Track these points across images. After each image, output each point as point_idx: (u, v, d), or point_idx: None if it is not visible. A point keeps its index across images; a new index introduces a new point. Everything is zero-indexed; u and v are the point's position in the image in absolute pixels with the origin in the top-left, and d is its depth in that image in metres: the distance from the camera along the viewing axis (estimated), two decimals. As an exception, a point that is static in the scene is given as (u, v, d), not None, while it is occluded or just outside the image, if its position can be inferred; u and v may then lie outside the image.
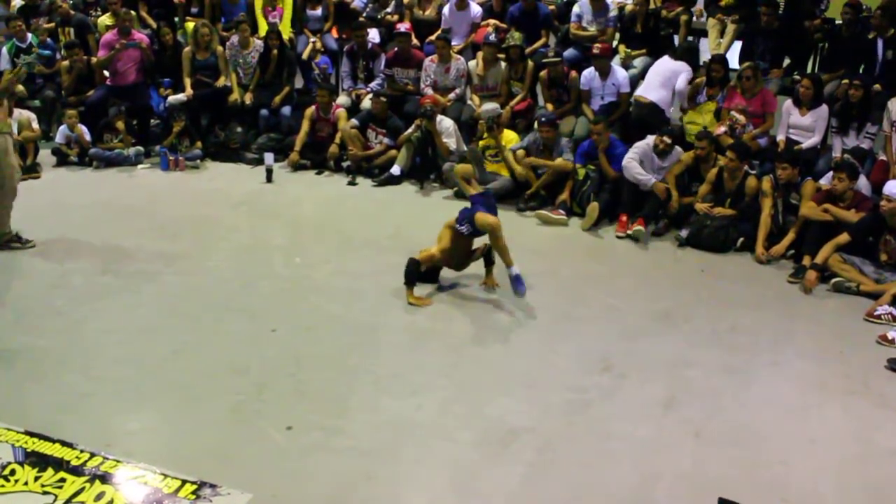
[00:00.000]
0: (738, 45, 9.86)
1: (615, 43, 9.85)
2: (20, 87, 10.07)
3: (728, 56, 9.51)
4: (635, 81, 9.31)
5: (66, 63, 10.30)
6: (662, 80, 8.85)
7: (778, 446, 4.55)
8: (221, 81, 10.22)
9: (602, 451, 4.45)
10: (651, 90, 8.83)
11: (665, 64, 8.95)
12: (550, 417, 4.75)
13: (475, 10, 10.32)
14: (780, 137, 8.43)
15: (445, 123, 9.01)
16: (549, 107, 9.36)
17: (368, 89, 10.03)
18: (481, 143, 8.89)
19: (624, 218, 7.85)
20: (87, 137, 9.66)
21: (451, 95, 9.64)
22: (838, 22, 9.42)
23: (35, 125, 9.48)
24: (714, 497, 3.63)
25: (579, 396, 4.98)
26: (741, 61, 9.27)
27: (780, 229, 7.43)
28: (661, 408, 4.90)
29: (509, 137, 8.83)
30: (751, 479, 4.23)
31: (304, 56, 10.61)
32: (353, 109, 9.90)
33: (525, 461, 4.33)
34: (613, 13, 9.91)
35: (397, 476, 4.18)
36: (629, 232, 7.70)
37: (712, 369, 5.38)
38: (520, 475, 4.21)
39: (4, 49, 10.36)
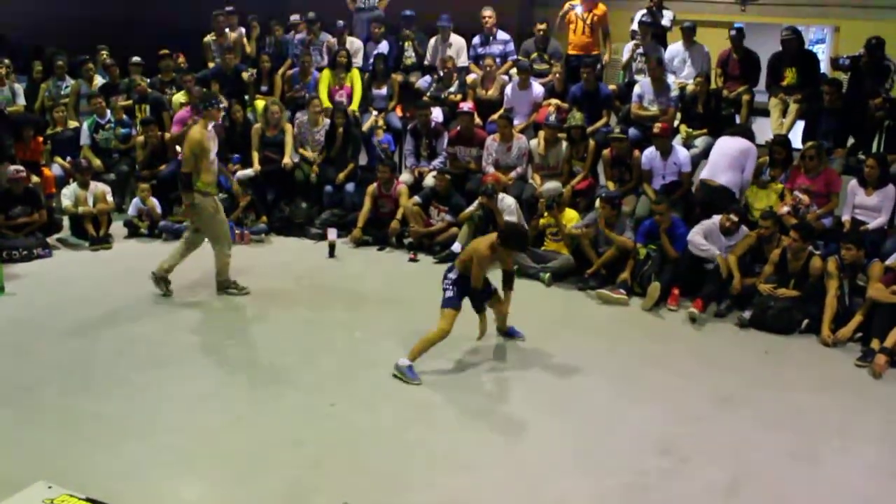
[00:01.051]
0: (800, 124, 9.78)
1: (676, 122, 9.83)
2: (97, 162, 10.43)
3: (791, 135, 9.44)
4: (696, 161, 9.26)
5: (141, 139, 10.61)
6: (730, 161, 8.69)
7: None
8: (286, 161, 10.38)
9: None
10: (719, 172, 8.66)
11: (729, 143, 8.81)
12: (609, 501, 4.65)
13: (537, 90, 10.41)
14: (846, 217, 8.29)
15: (507, 201, 9.03)
16: (611, 186, 9.34)
17: (431, 167, 10.12)
18: (542, 220, 8.90)
19: (676, 291, 7.80)
20: (159, 210, 9.90)
21: (513, 174, 9.67)
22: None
23: (109, 198, 9.76)
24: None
25: (638, 480, 4.87)
26: (804, 141, 9.16)
27: (847, 311, 7.26)
28: (723, 494, 4.76)
29: (570, 216, 8.82)
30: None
31: (364, 128, 10.75)
32: (415, 187, 9.99)
33: (583, 545, 4.23)
34: (675, 93, 9.91)
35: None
36: (690, 310, 7.59)
37: (777, 454, 5.22)
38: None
39: (86, 125, 10.74)
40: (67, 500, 4.39)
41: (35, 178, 9.72)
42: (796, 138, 9.53)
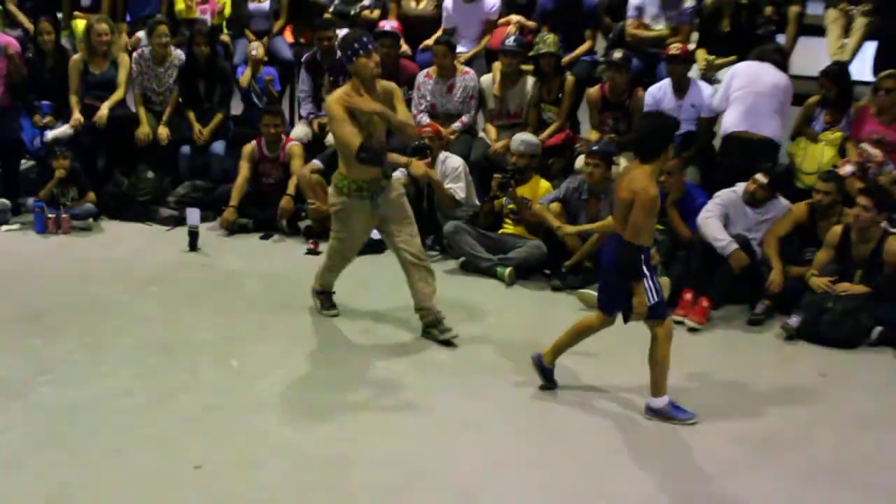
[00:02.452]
0: (870, 46, 9.96)
1: (692, 46, 9.94)
2: None
3: (856, 64, 9.61)
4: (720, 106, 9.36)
5: None
6: (772, 102, 8.89)
7: None
8: (114, 99, 10.40)
9: None
10: (762, 119, 8.83)
11: (763, 75, 8.95)
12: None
13: (489, 2, 10.46)
14: (938, 180, 8.49)
15: (451, 163, 9.08)
16: (595, 136, 9.45)
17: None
18: (497, 201, 9.00)
19: (688, 296, 7.89)
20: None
21: (457, 125, 9.74)
22: None
23: None
24: None
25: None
26: (877, 70, 9.35)
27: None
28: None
29: (541, 186, 8.88)
30: None
31: (237, 61, 10.75)
32: (313, 145, 9.99)
33: None
34: (689, 4, 10.04)
35: None
36: (684, 319, 7.78)
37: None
38: None
39: None
40: None
41: None
42: (864, 68, 9.70)
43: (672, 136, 6.24)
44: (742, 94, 8.94)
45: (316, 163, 9.57)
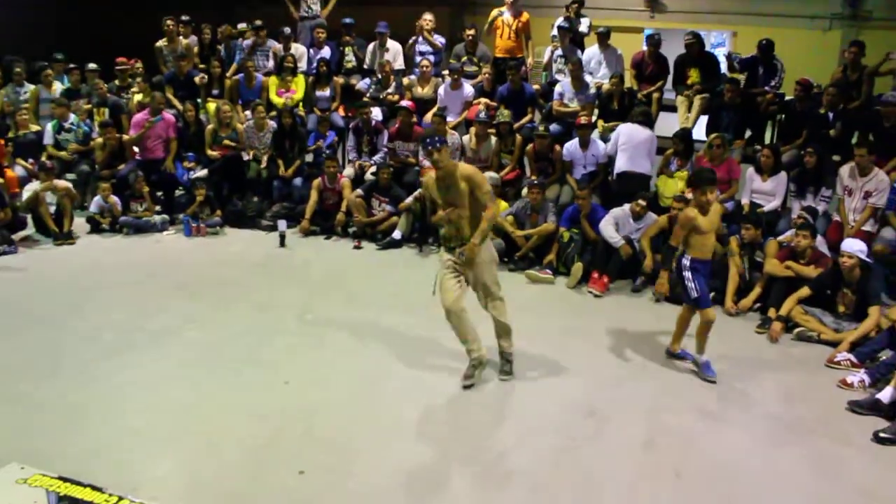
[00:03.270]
0: (703, 118, 9.99)
1: (594, 118, 9.93)
2: (65, 153, 10.40)
3: (696, 128, 9.64)
4: (612, 153, 9.37)
5: (100, 140, 10.42)
6: (643, 150, 8.90)
7: (750, 484, 4.52)
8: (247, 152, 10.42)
9: (589, 490, 4.42)
10: (639, 160, 8.84)
11: (638, 132, 8.92)
12: (542, 459, 4.72)
13: (468, 90, 10.44)
14: (745, 201, 8.51)
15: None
16: (535, 178, 9.39)
17: (372, 162, 10.11)
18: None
19: (595, 275, 7.90)
20: (119, 207, 9.73)
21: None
22: (789, 97, 9.61)
23: (67, 184, 9.62)
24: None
25: (568, 440, 4.96)
26: (708, 133, 9.37)
27: (747, 285, 7.46)
28: (641, 449, 4.87)
29: (500, 205, 8.86)
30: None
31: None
32: (357, 180, 9.97)
33: (519, 500, 4.29)
34: (592, 91, 10.01)
35: (401, 515, 4.14)
36: (591, 289, 7.79)
37: (688, 413, 5.36)
38: (514, 514, 4.17)
39: (49, 126, 10.53)
40: (40, 478, 4.32)
41: (-1, 179, 9.49)
42: (700, 131, 9.73)
43: (709, 180, 5.75)
44: (626, 146, 8.92)
45: (359, 191, 9.57)
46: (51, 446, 4.72)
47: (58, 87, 11.17)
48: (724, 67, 10.34)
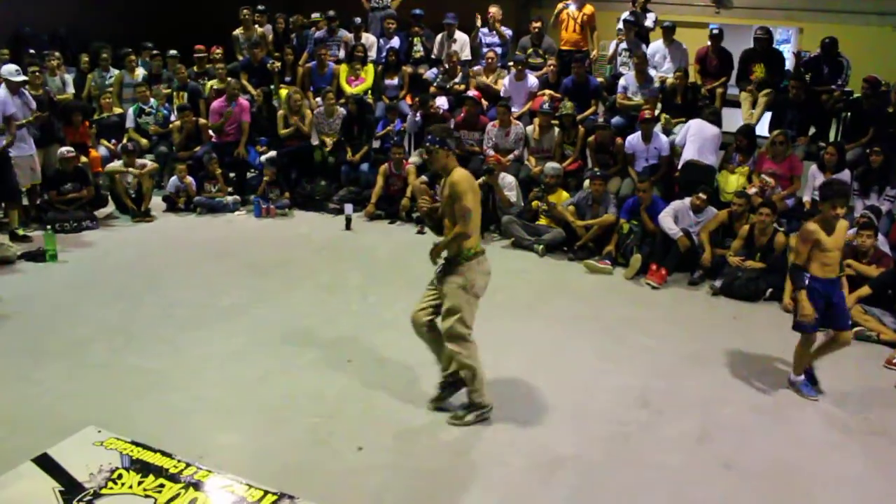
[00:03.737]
0: (766, 114, 9.76)
1: (657, 112, 9.78)
2: (144, 140, 10.58)
3: (759, 124, 9.42)
4: (674, 146, 9.23)
5: (178, 123, 10.62)
6: (711, 145, 8.79)
7: (804, 482, 4.42)
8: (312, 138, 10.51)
9: (639, 479, 4.37)
10: (707, 154, 8.72)
11: (706, 128, 8.81)
12: (594, 447, 4.68)
13: (532, 81, 10.37)
14: (807, 198, 8.30)
15: (508, 179, 9.04)
16: (597, 169, 9.31)
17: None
18: (534, 203, 8.90)
19: (654, 267, 7.78)
20: (194, 187, 9.92)
21: (511, 157, 9.66)
22: (856, 95, 9.32)
23: (150, 163, 9.89)
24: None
25: (620, 429, 4.91)
26: (771, 130, 9.15)
27: (807, 282, 7.28)
28: (694, 441, 4.80)
29: (562, 196, 8.82)
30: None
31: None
32: (422, 167, 9.97)
33: (569, 486, 4.27)
34: (656, 85, 9.87)
35: (456, 496, 4.15)
36: (649, 281, 7.67)
37: (742, 407, 5.26)
38: (565, 498, 4.15)
39: (131, 110, 10.79)
40: (115, 442, 4.44)
41: (83, 159, 9.72)
42: (763, 128, 9.51)
43: (841, 193, 5.19)
44: (694, 138, 8.79)
45: (423, 178, 9.56)
46: (126, 413, 4.85)
47: (140, 73, 11.40)
48: (789, 64, 10.07)
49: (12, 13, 13.64)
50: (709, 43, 10.13)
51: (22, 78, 8.68)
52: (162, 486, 4.06)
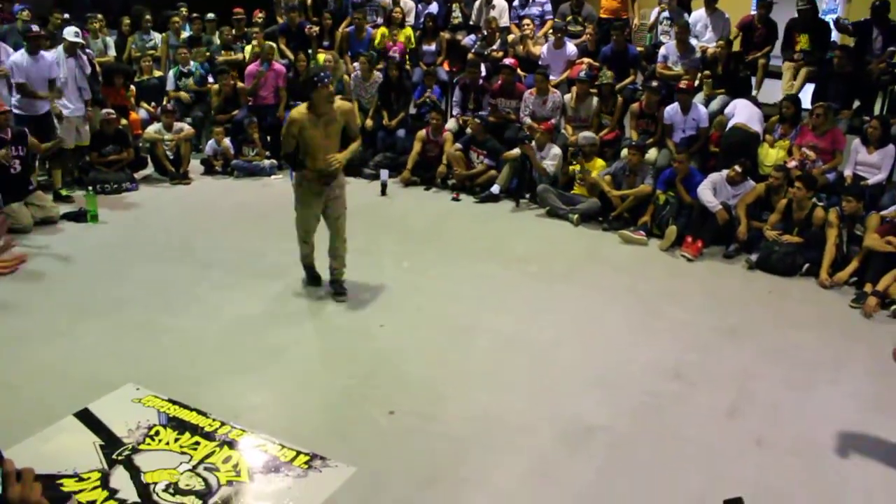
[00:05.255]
0: (809, 86, 9.55)
1: (697, 82, 9.62)
2: (186, 96, 10.74)
3: (801, 97, 9.23)
4: (713, 117, 9.07)
5: (216, 86, 10.65)
6: (758, 118, 8.69)
7: (835, 459, 4.37)
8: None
9: (670, 452, 4.35)
10: (754, 123, 8.60)
11: (752, 106, 8.75)
12: (624, 418, 4.67)
13: (571, 49, 10.23)
14: (848, 173, 8.12)
15: (554, 150, 8.97)
16: (634, 136, 9.20)
17: (475, 116, 10.04)
18: (570, 167, 8.83)
19: (689, 239, 7.70)
20: (231, 151, 9.97)
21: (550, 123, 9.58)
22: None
23: (188, 129, 9.93)
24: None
25: (651, 400, 4.89)
26: (813, 102, 8.96)
27: (844, 258, 7.16)
28: (725, 416, 4.77)
29: (598, 164, 8.74)
30: (808, 488, 4.08)
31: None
32: (459, 134, 9.93)
33: (599, 456, 4.27)
34: (697, 55, 9.70)
35: (484, 462, 4.16)
36: (684, 253, 7.59)
37: (775, 383, 5.20)
38: (594, 469, 4.15)
39: (171, 73, 10.84)
40: (152, 399, 4.54)
41: (124, 121, 9.80)
42: (806, 100, 9.31)
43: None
44: (741, 110, 8.66)
45: (458, 145, 9.53)
46: (162, 371, 4.92)
47: (184, 35, 11.44)
48: (834, 35, 9.83)
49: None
50: (754, 11, 9.91)
51: (77, 40, 8.77)
52: (197, 443, 4.15)
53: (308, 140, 5.78)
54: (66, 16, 10.57)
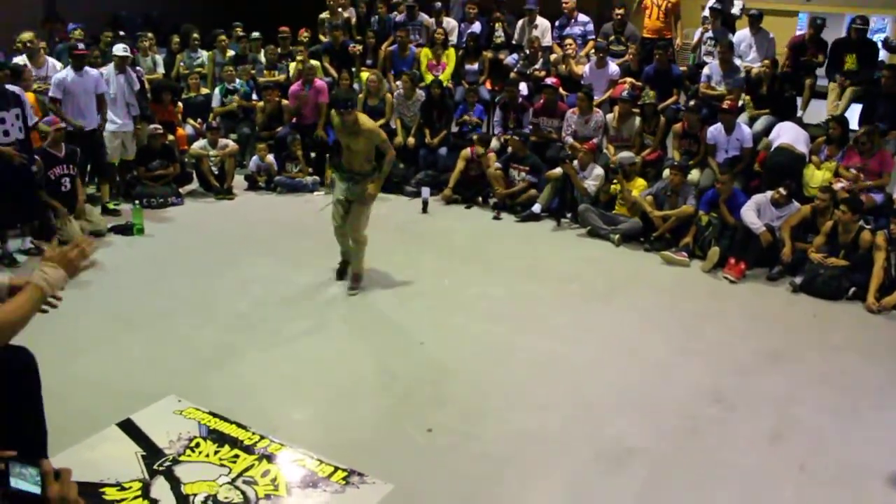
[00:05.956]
0: (856, 107, 9.42)
1: (741, 102, 9.54)
2: (233, 105, 10.88)
3: (848, 117, 9.10)
4: (758, 138, 8.98)
5: (261, 104, 10.80)
6: (805, 141, 8.58)
7: (880, 487, 4.27)
8: (380, 122, 10.40)
9: (710, 476, 4.28)
10: (800, 145, 8.50)
11: (800, 131, 8.67)
12: (664, 441, 4.62)
13: (613, 69, 10.23)
14: (897, 195, 8.00)
15: (597, 171, 8.92)
16: (677, 157, 9.13)
17: (514, 134, 10.03)
18: (612, 187, 8.78)
19: (732, 260, 7.60)
20: (275, 167, 10.09)
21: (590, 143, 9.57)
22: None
23: (232, 145, 10.05)
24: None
25: (691, 423, 4.82)
26: (861, 123, 8.83)
27: (893, 282, 7.02)
28: (767, 441, 4.68)
29: (639, 184, 8.68)
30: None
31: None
32: (500, 153, 9.94)
33: (638, 479, 4.22)
34: (741, 75, 9.62)
35: (522, 482, 4.14)
36: (726, 275, 7.50)
37: (819, 408, 5.11)
38: (632, 493, 4.10)
39: (217, 90, 11.01)
40: (193, 412, 4.59)
41: (170, 137, 9.97)
42: (853, 120, 9.18)
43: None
44: (787, 131, 8.59)
45: (498, 164, 9.52)
46: (204, 384, 4.98)
47: (230, 53, 11.62)
48: (882, 54, 9.70)
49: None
50: (801, 31, 9.82)
51: (125, 54, 8.99)
52: (237, 456, 4.18)
53: (341, 142, 6.64)
54: (122, 34, 10.84)
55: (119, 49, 9.00)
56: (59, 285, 2.79)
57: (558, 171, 9.02)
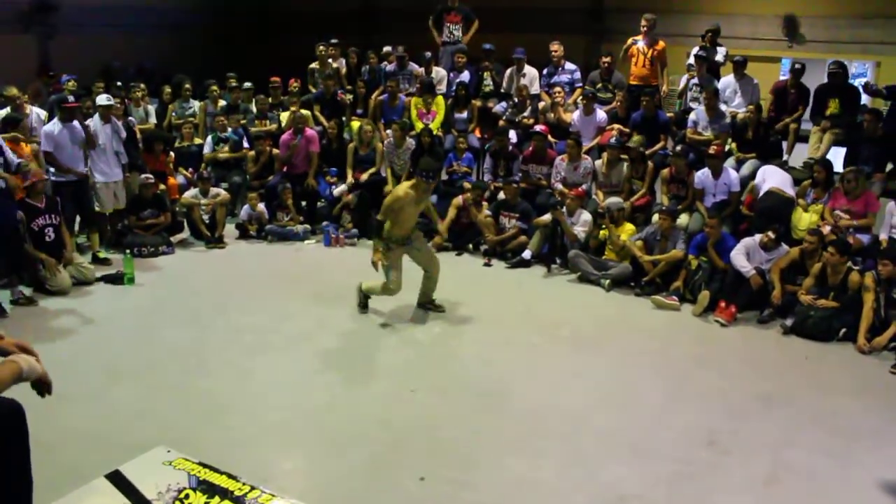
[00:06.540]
0: (840, 151, 9.53)
1: (727, 147, 9.64)
2: (223, 154, 10.91)
3: (832, 160, 9.20)
4: (745, 182, 9.07)
5: (252, 153, 10.86)
6: (791, 184, 8.66)
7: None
8: (371, 171, 10.60)
9: (706, 521, 4.25)
10: (787, 188, 8.57)
11: (785, 174, 8.76)
12: (658, 486, 4.58)
13: (601, 116, 10.34)
14: (883, 236, 8.02)
15: (585, 216, 8.98)
16: (665, 202, 9.20)
17: (507, 182, 10.09)
18: (601, 232, 8.82)
19: (723, 304, 7.60)
20: (266, 216, 10.11)
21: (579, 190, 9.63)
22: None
23: (224, 194, 10.07)
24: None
25: (685, 468, 4.79)
26: (846, 166, 8.94)
27: (883, 322, 7.03)
28: (762, 485, 4.66)
29: (628, 229, 8.73)
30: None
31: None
32: (490, 200, 9.98)
33: (633, 525, 4.18)
34: (727, 120, 9.74)
35: (515, 530, 4.10)
36: (717, 318, 7.51)
37: (813, 451, 5.09)
38: (627, 538, 4.06)
39: (209, 139, 11.07)
40: (183, 463, 4.51)
41: (162, 186, 10.01)
42: (837, 163, 9.28)
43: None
44: (776, 176, 8.65)
45: (487, 212, 9.56)
46: (194, 434, 4.94)
47: (222, 103, 11.71)
48: (864, 98, 9.85)
49: (105, 50, 14.52)
50: (784, 77, 9.98)
51: (109, 103, 9.01)
52: (227, 508, 4.11)
53: (404, 215, 7.05)
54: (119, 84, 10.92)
55: (102, 99, 9.05)
56: (33, 376, 3.18)
57: (547, 217, 9.07)
